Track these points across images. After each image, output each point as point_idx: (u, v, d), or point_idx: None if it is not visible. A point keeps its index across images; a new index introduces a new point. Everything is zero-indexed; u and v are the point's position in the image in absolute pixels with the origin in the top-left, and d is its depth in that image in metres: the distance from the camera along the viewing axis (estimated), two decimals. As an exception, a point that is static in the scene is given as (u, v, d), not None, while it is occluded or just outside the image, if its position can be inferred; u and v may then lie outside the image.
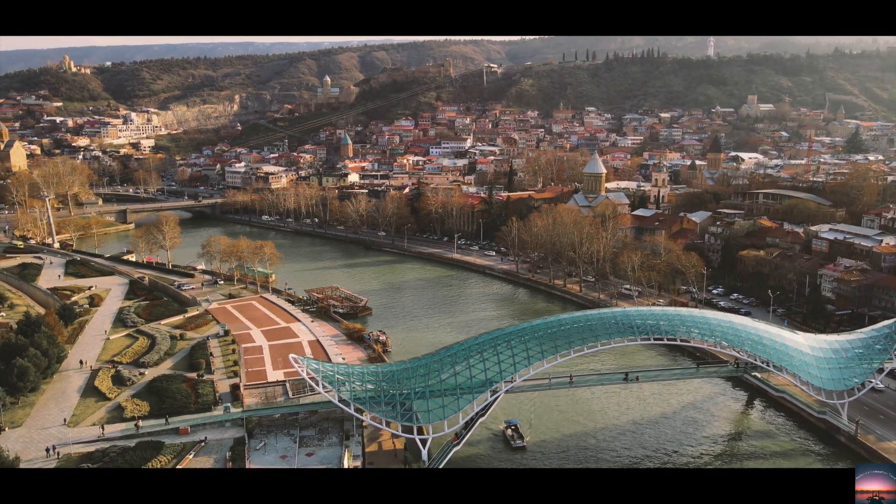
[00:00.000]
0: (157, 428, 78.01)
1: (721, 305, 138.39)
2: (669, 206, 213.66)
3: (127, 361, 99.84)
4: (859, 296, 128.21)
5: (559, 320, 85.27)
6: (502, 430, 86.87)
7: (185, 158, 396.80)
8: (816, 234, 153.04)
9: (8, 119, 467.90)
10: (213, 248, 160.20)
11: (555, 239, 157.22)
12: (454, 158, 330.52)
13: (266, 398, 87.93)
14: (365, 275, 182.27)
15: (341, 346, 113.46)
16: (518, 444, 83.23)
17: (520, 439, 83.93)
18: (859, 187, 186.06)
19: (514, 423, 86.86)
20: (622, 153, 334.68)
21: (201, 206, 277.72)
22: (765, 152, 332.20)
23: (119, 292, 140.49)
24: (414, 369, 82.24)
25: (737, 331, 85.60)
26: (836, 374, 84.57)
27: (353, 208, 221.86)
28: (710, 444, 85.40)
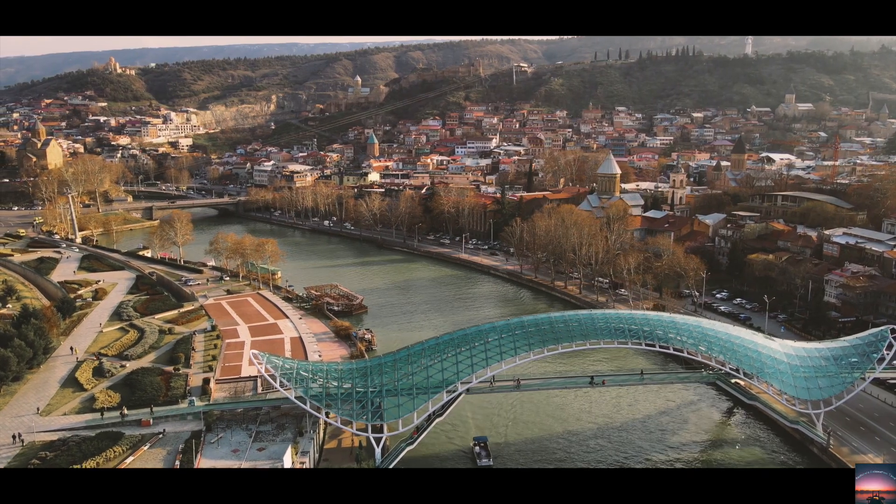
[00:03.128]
0: (119, 419, 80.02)
1: (721, 310, 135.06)
2: (688, 207, 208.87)
3: (112, 354, 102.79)
4: (865, 303, 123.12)
5: (521, 322, 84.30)
6: (471, 447, 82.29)
7: (220, 157, 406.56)
8: (829, 238, 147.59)
9: (55, 118, 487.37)
10: (220, 246, 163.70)
11: (558, 240, 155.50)
12: (478, 158, 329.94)
13: (235, 393, 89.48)
14: (371, 273, 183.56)
15: (325, 343, 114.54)
16: (484, 463, 77.66)
17: (487, 458, 78.41)
18: (884, 190, 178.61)
19: (484, 440, 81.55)
20: (650, 153, 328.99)
21: (225, 204, 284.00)
22: (800, 153, 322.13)
23: (124, 287, 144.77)
24: (376, 367, 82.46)
25: (706, 336, 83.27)
26: (812, 384, 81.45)
27: (366, 207, 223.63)
28: (675, 451, 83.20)
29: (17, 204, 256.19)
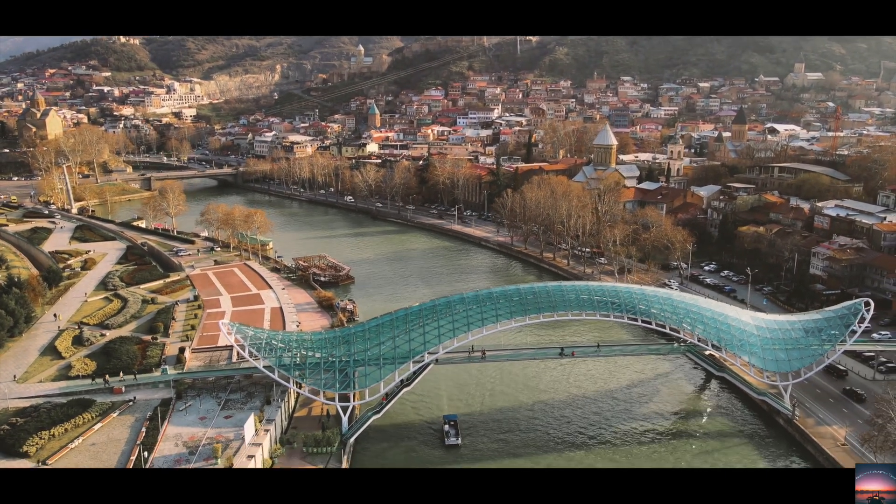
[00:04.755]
0: (94, 387, 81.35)
1: (707, 282, 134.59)
2: (685, 179, 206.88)
3: (94, 323, 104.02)
4: (850, 275, 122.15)
5: (491, 293, 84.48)
6: (441, 426, 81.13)
7: (223, 127, 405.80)
8: (821, 210, 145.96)
9: (59, 88, 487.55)
10: (211, 216, 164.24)
11: (547, 211, 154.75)
12: (479, 129, 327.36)
13: (210, 362, 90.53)
14: (363, 244, 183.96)
15: (308, 313, 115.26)
16: (452, 442, 77.10)
17: (455, 437, 77.78)
18: (882, 161, 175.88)
19: (454, 419, 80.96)
20: (653, 124, 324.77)
21: (225, 175, 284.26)
22: (807, 124, 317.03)
23: (114, 257, 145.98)
24: (346, 337, 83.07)
25: (676, 308, 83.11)
26: (781, 356, 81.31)
27: (361, 178, 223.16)
28: (642, 421, 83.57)
29: (17, 174, 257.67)
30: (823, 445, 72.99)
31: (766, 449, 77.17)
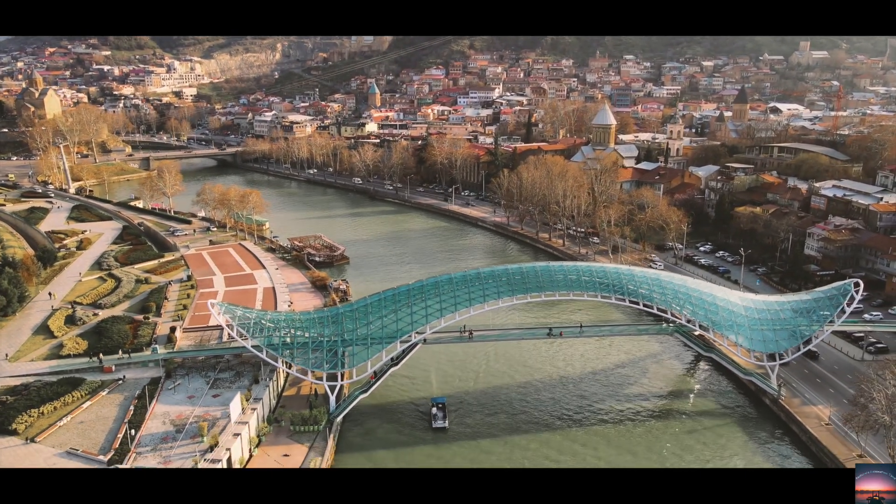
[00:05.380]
0: (85, 365, 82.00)
1: (701, 263, 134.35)
2: (684, 159, 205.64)
3: (87, 302, 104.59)
4: (845, 256, 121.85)
5: (478, 273, 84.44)
6: (429, 409, 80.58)
7: (224, 107, 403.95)
8: (818, 190, 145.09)
9: (59, 67, 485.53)
10: (207, 197, 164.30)
11: (542, 191, 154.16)
12: (479, 109, 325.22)
13: (201, 341, 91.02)
14: (360, 225, 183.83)
15: (301, 293, 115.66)
16: (439, 425, 77.04)
17: (443, 420, 77.55)
18: (882, 141, 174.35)
19: (442, 402, 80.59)
20: (655, 104, 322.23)
21: (224, 155, 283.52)
22: (811, 103, 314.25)
23: (110, 237, 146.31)
24: (334, 317, 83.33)
25: (664, 289, 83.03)
26: (768, 336, 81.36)
27: (359, 159, 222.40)
28: (628, 401, 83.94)
29: (16, 154, 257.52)
30: (808, 425, 73.28)
31: (751, 429, 77.51)
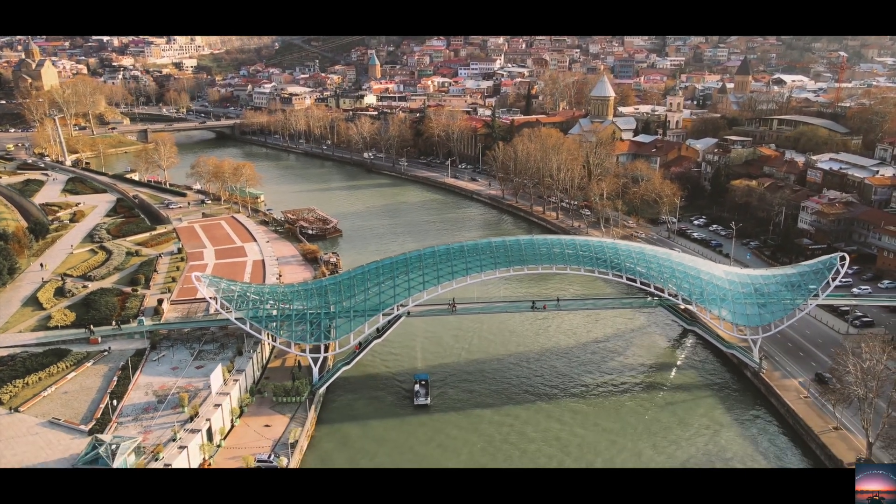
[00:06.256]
0: (74, 336, 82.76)
1: (694, 236, 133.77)
2: (683, 132, 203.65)
3: (77, 275, 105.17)
4: (837, 230, 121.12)
5: (462, 247, 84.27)
6: (412, 385, 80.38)
7: (224, 78, 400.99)
8: (815, 163, 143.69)
9: (58, 38, 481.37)
10: (202, 169, 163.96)
11: (538, 164, 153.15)
12: (480, 80, 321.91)
13: (188, 314, 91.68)
14: (355, 197, 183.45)
15: (291, 266, 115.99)
16: (421, 402, 76.79)
17: (425, 397, 77.30)
18: (883, 113, 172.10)
19: (425, 379, 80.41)
20: (658, 75, 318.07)
21: (222, 127, 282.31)
22: (817, 75, 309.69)
23: (103, 209, 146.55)
24: (318, 290, 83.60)
25: (648, 262, 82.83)
26: (752, 310, 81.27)
27: (356, 131, 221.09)
28: (610, 374, 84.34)
29: (14, 126, 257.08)
30: (786, 398, 73.59)
31: (731, 401, 77.89)
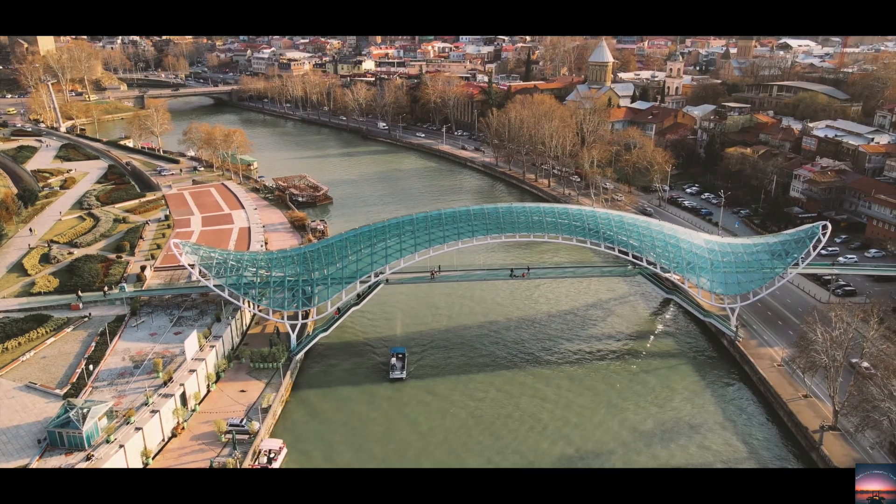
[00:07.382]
0: (52, 302, 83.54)
1: (685, 205, 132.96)
2: (683, 98, 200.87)
3: (63, 241, 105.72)
4: (829, 198, 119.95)
5: (440, 214, 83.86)
6: (388, 358, 79.70)
7: (224, 43, 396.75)
8: (811, 131, 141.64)
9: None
10: (194, 136, 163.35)
11: (530, 131, 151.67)
12: (481, 46, 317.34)
13: (170, 280, 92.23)
14: (349, 164, 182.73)
15: (278, 233, 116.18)
16: (397, 376, 76.26)
17: (401, 371, 76.76)
18: (884, 79, 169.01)
19: (402, 352, 79.83)
20: (663, 40, 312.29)
21: (219, 93, 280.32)
22: (825, 39, 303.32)
23: (94, 176, 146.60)
24: (297, 258, 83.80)
25: (627, 230, 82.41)
26: (731, 279, 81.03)
27: (352, 97, 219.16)
28: (587, 342, 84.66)
29: (10, 91, 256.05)
30: (759, 366, 73.75)
31: (706, 369, 78.14)
